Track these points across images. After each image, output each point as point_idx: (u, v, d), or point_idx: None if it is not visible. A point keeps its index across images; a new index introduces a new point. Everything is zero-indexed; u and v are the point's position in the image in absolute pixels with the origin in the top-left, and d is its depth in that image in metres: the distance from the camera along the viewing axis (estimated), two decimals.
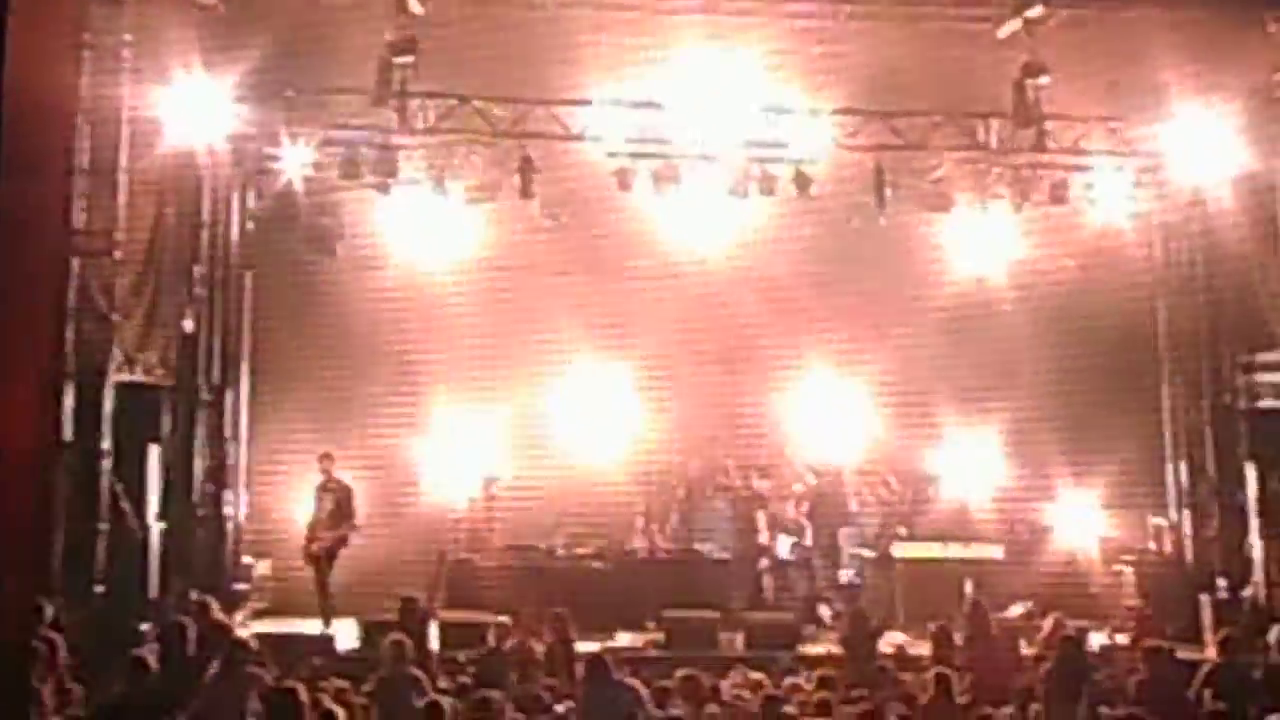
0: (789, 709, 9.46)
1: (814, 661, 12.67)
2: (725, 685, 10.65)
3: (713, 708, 9.60)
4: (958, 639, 12.03)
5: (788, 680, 11.00)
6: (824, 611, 15.42)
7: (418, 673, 9.87)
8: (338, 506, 14.40)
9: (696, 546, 16.12)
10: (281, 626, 13.93)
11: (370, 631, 12.87)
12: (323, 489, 14.52)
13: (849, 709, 9.78)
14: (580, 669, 10.15)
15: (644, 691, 9.43)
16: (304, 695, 8.20)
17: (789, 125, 15.39)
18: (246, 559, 15.68)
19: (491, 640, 11.99)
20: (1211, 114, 14.83)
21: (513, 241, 16.31)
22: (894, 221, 16.13)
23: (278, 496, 15.79)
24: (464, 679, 11.09)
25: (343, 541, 14.34)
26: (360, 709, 9.35)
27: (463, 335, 16.15)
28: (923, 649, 12.56)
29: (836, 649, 13.30)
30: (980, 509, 16.32)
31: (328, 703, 8.67)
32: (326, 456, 14.66)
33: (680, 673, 10.08)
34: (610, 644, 12.70)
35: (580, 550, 15.79)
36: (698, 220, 16.40)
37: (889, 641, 13.56)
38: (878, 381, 16.68)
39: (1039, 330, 16.38)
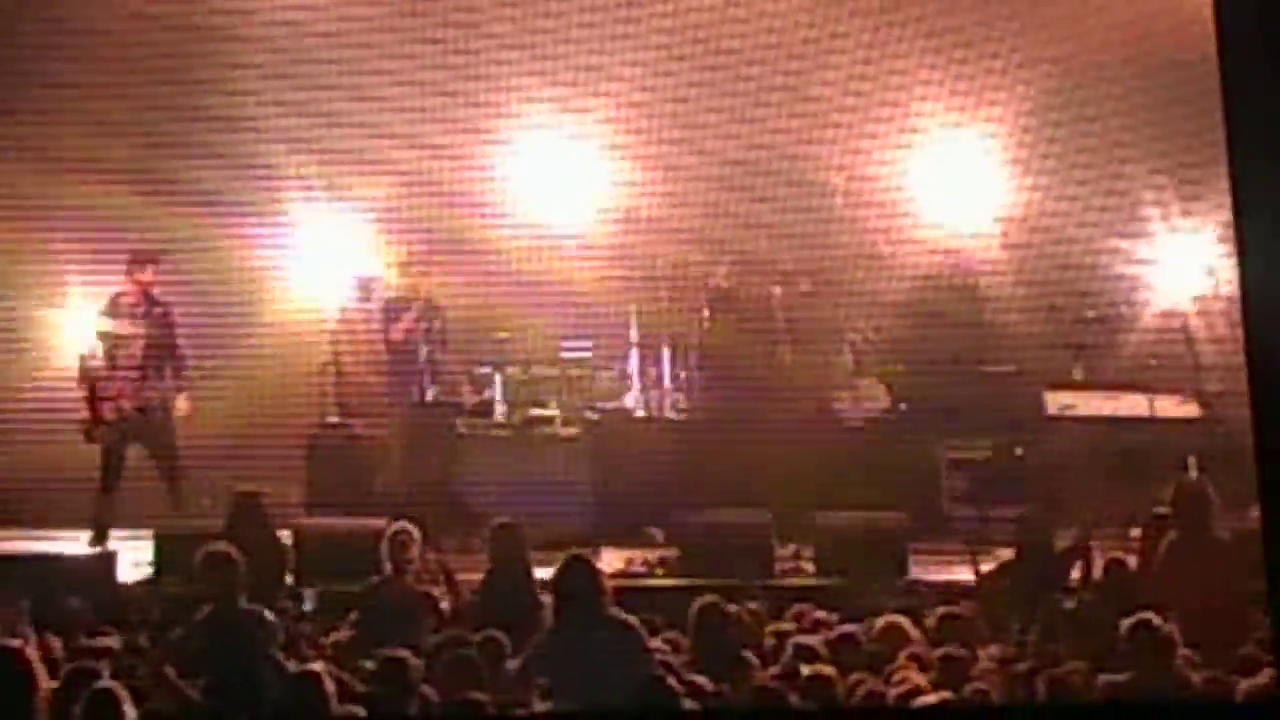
0: (904, 675, 8.88)
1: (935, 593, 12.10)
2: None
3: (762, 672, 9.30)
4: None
5: (879, 621, 10.41)
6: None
7: (268, 615, 9.82)
8: (156, 344, 14.23)
9: (728, 406, 15.30)
10: (18, 544, 13.72)
11: (173, 551, 12.64)
12: (127, 313, 14.23)
13: (993, 667, 9.37)
14: (549, 596, 9.98)
15: (644, 634, 9.38)
16: (35, 658, 8.11)
17: None
18: None
19: (387, 563, 11.30)
20: None
21: None
22: None
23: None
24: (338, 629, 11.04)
25: (163, 405, 14.18)
26: (161, 677, 9.09)
27: (337, 69, 15.32)
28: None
29: (967, 574, 12.53)
30: (1214, 340, 15.13)
31: (97, 669, 8.58)
32: (147, 261, 14.31)
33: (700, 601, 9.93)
34: None
35: (536, 411, 15.06)
36: None
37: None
38: (1018, 124, 15.42)
39: None
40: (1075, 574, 12.25)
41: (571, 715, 9.14)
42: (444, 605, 11.20)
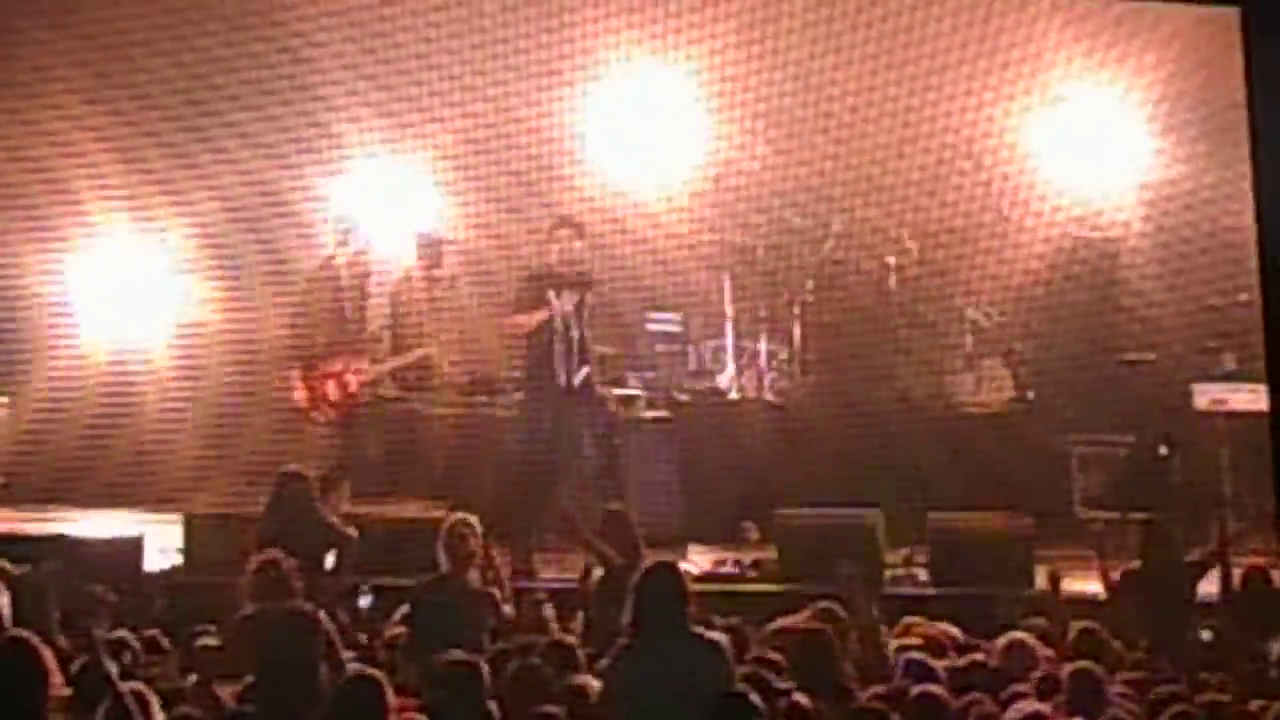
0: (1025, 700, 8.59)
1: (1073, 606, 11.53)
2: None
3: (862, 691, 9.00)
4: None
5: (1002, 640, 10.07)
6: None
7: (318, 615, 9.70)
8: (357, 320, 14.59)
9: (833, 389, 15.34)
10: (32, 523, 13.65)
11: (204, 534, 13.04)
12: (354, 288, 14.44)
13: (1129, 693, 8.96)
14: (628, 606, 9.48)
15: (730, 653, 8.87)
16: (46, 653, 7.38)
17: None
18: None
19: (443, 559, 11.03)
20: None
21: None
22: None
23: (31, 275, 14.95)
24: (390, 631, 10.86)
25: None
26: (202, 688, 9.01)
27: (410, 11, 15.22)
28: None
29: (1096, 585, 12.31)
30: None
31: (115, 665, 8.08)
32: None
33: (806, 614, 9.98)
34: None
35: (618, 389, 14.96)
36: None
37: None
38: (1161, 86, 15.27)
39: None
40: (1211, 588, 12.01)
41: None
42: (506, 608, 10.98)
